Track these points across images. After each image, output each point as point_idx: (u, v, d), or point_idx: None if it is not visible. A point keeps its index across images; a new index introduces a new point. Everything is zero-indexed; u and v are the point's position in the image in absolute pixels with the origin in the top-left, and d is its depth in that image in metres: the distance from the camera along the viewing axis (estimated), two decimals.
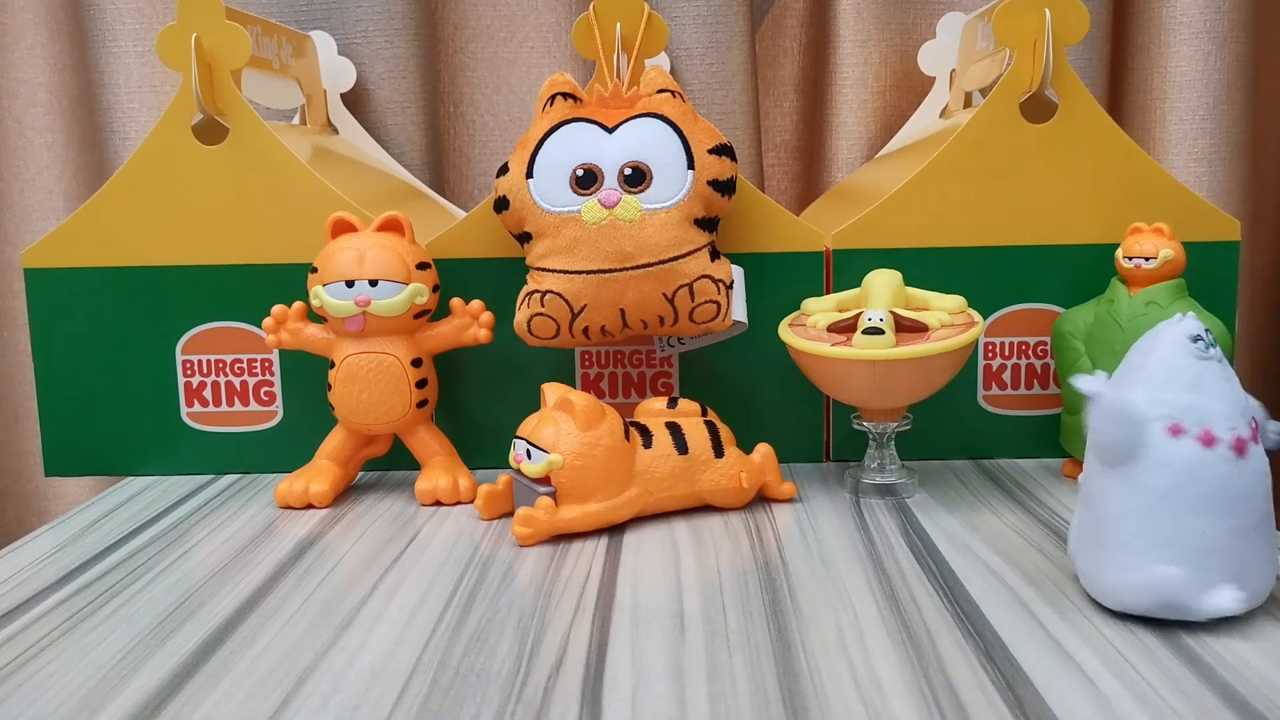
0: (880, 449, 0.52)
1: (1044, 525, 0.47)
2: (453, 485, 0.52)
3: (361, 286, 0.50)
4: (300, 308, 0.53)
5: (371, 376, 0.51)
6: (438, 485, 0.52)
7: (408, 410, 0.52)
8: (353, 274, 0.50)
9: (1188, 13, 0.72)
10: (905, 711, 0.30)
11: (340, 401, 0.52)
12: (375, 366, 0.51)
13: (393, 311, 0.51)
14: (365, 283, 0.50)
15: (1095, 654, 0.34)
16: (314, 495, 0.51)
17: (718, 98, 0.73)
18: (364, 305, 0.50)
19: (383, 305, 0.50)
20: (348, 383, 0.52)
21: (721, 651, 0.35)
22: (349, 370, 0.51)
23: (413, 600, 0.40)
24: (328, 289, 0.50)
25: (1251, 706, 0.30)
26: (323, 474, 0.52)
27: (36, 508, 0.82)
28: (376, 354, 0.51)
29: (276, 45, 0.62)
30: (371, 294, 0.50)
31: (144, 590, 0.42)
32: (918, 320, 0.49)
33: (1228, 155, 0.73)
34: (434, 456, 0.53)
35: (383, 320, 0.51)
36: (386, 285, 0.50)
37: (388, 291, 0.50)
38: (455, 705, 0.32)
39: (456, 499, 0.52)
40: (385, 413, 0.52)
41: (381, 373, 0.51)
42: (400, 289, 0.50)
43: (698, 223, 0.51)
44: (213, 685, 0.33)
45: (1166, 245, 0.50)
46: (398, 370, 0.51)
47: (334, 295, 0.50)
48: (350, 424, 0.53)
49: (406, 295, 0.51)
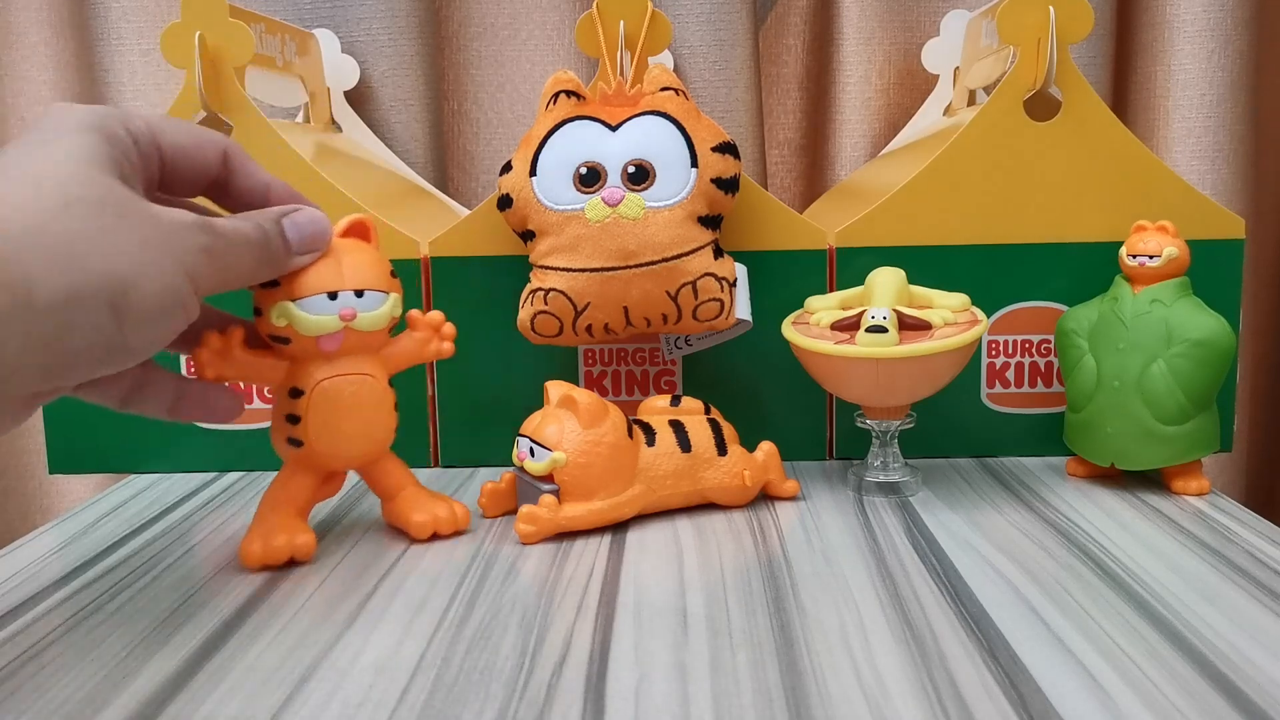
0: (883, 447, 0.52)
1: (1048, 523, 0.47)
2: (450, 513, 0.46)
3: (346, 298, 0.42)
4: (241, 335, 0.43)
5: (354, 402, 0.44)
6: (436, 515, 0.46)
7: (389, 438, 0.46)
8: (335, 284, 0.42)
9: (1191, 10, 0.72)
10: (908, 709, 0.30)
11: (316, 435, 0.43)
12: (358, 390, 0.44)
13: (377, 325, 0.43)
14: (350, 294, 0.42)
15: (1099, 652, 0.34)
16: (300, 548, 0.43)
17: (721, 95, 0.73)
18: (349, 319, 0.42)
19: (368, 319, 0.43)
20: (326, 412, 0.43)
21: (725, 649, 0.35)
22: (327, 397, 0.43)
23: (416, 598, 0.40)
24: (303, 304, 0.41)
25: (1256, 705, 0.30)
26: (294, 524, 0.44)
27: (40, 505, 0.82)
28: (356, 375, 0.44)
29: (280, 43, 0.62)
30: (357, 306, 0.42)
31: (147, 588, 0.42)
32: (921, 318, 0.49)
33: (1231, 153, 0.73)
34: (404, 488, 0.47)
35: (362, 336, 0.43)
36: (372, 296, 0.43)
37: (373, 303, 0.43)
38: (458, 702, 0.32)
39: (455, 528, 0.46)
40: (369, 444, 0.45)
41: (365, 397, 0.44)
42: (384, 299, 0.43)
43: (701, 220, 0.51)
44: (216, 682, 0.33)
45: (1170, 243, 0.50)
46: (380, 392, 0.44)
47: (313, 311, 0.42)
48: (323, 459, 0.44)
49: (389, 306, 0.44)
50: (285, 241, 0.40)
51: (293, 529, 0.44)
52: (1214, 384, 0.49)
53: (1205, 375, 0.49)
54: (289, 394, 0.43)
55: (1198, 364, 0.48)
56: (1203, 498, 0.50)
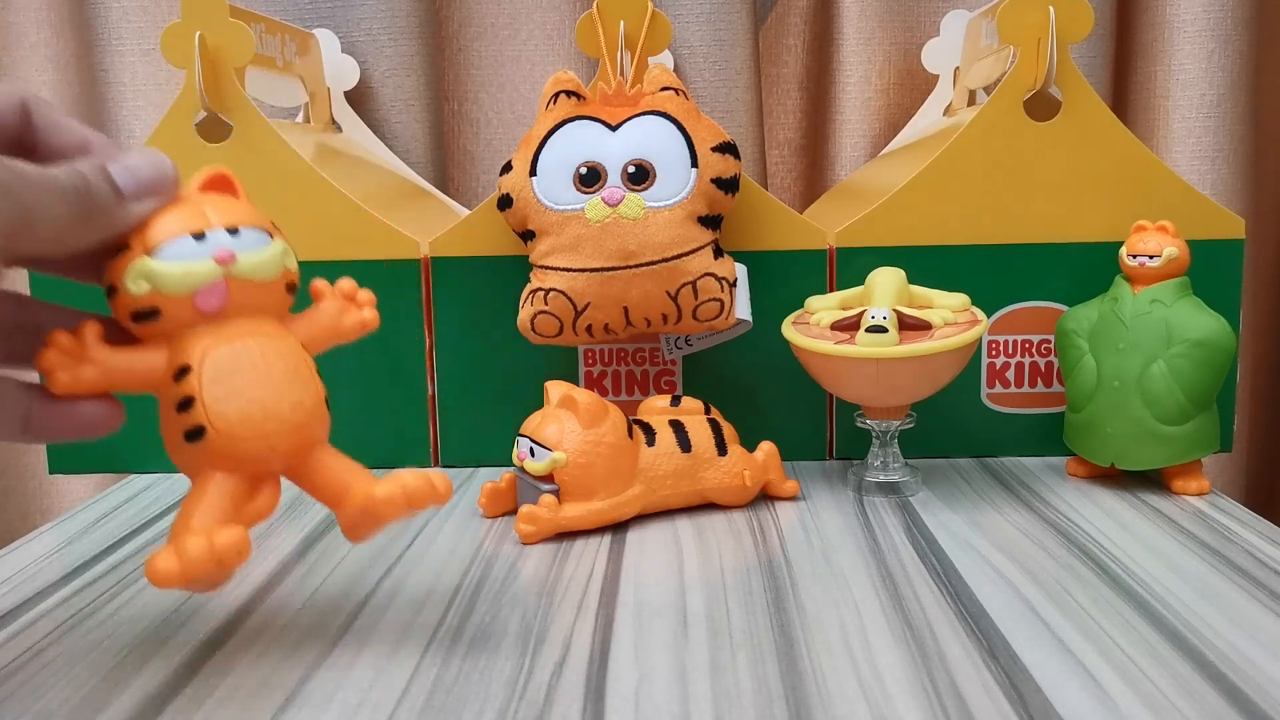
0: (883, 447, 0.52)
1: (1048, 523, 0.47)
2: (423, 480, 0.33)
3: (218, 237, 0.32)
4: (98, 328, 0.33)
5: (261, 361, 0.33)
6: (404, 483, 0.33)
7: (317, 414, 0.34)
8: (200, 223, 0.32)
9: (1191, 10, 0.72)
10: (908, 709, 0.30)
11: (217, 412, 0.32)
12: (261, 348, 0.33)
13: (266, 272, 0.33)
14: (222, 232, 0.32)
15: (1099, 652, 0.34)
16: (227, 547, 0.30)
17: (721, 95, 0.73)
18: (227, 261, 0.32)
19: (251, 261, 0.33)
20: (228, 379, 0.32)
21: (725, 649, 0.35)
22: (221, 363, 0.32)
23: (416, 598, 0.40)
24: (163, 253, 0.32)
25: (1256, 705, 0.30)
26: (214, 525, 0.31)
27: (40, 505, 0.82)
28: (255, 336, 0.33)
29: (280, 43, 0.62)
30: (234, 245, 0.32)
31: (148, 588, 0.42)
32: (921, 318, 0.49)
33: (1231, 153, 0.73)
34: (354, 472, 0.34)
35: (250, 290, 0.33)
36: (252, 234, 0.33)
37: (254, 241, 0.33)
38: (458, 703, 0.32)
39: (435, 497, 0.33)
40: (295, 411, 0.33)
41: (271, 355, 0.33)
42: (268, 241, 0.33)
43: (701, 220, 0.51)
44: (216, 683, 0.33)
45: (1170, 243, 0.50)
46: (290, 349, 0.34)
47: (177, 257, 0.32)
48: (235, 448, 0.32)
49: (277, 252, 0.33)
50: (113, 186, 0.31)
51: (211, 529, 0.31)
52: (1214, 384, 0.49)
53: (1205, 375, 0.49)
54: (175, 377, 0.32)
55: (1198, 364, 0.48)
56: (1203, 498, 0.50)
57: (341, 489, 0.34)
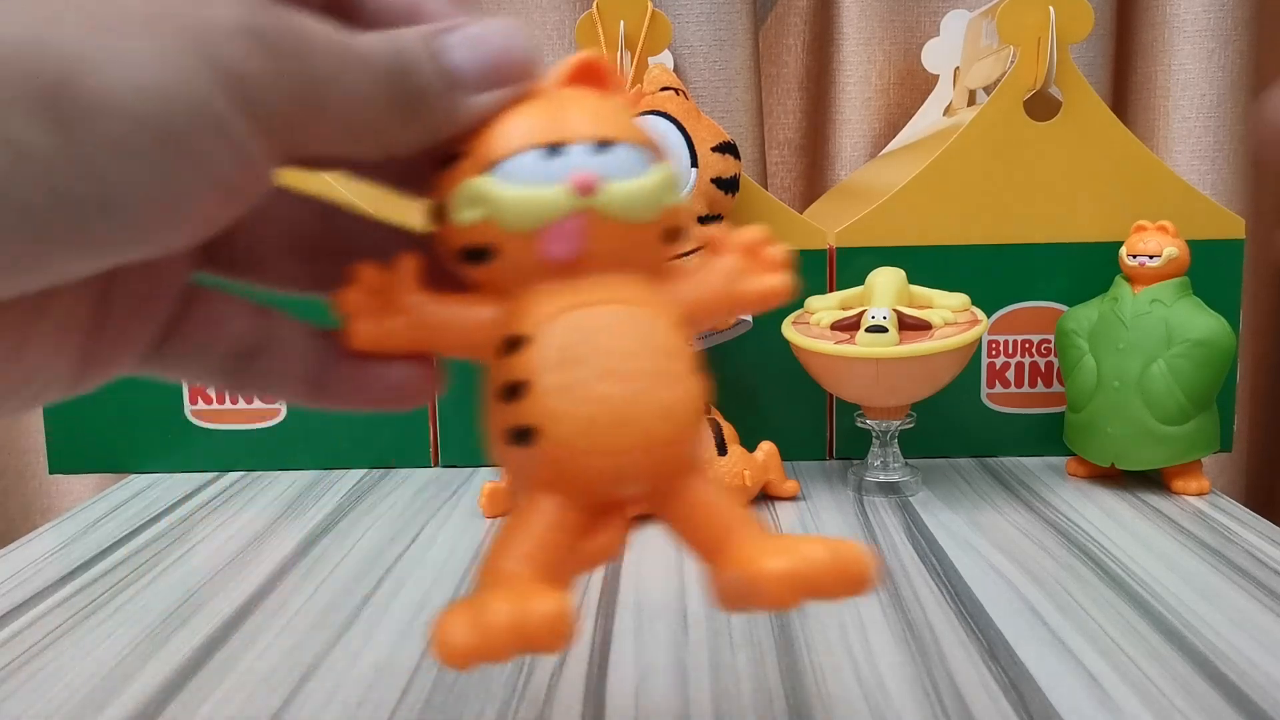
0: (883, 447, 0.52)
1: (1048, 523, 0.47)
2: (831, 553, 0.22)
3: (578, 155, 0.21)
4: (416, 265, 0.23)
5: (622, 341, 0.22)
6: (804, 556, 0.22)
7: (695, 414, 0.23)
8: (556, 133, 0.21)
9: (1191, 10, 0.72)
10: (908, 709, 0.30)
11: (564, 410, 0.21)
12: (625, 321, 0.22)
13: (637, 209, 0.22)
14: (586, 146, 0.21)
15: (1099, 652, 0.34)
16: (540, 626, 0.21)
17: (721, 95, 0.73)
18: (589, 190, 0.21)
19: (622, 193, 0.22)
20: (574, 365, 0.21)
21: (725, 649, 0.35)
22: (571, 339, 0.22)
23: (416, 597, 0.40)
24: (505, 170, 0.21)
25: (1256, 705, 0.30)
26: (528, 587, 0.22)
27: (40, 505, 0.82)
28: (618, 303, 0.22)
29: None
30: (600, 167, 0.21)
31: (147, 588, 0.42)
32: (921, 318, 0.49)
33: (1231, 153, 0.73)
34: (738, 520, 0.24)
35: (618, 233, 0.22)
36: (626, 152, 0.22)
37: (628, 164, 0.22)
38: (459, 702, 0.32)
39: (848, 584, 0.22)
40: (663, 421, 0.22)
41: (640, 330, 0.22)
42: (648, 162, 0.22)
43: (701, 220, 0.51)
44: (216, 682, 0.33)
45: (1170, 243, 0.50)
46: (666, 323, 0.23)
47: (521, 178, 0.21)
48: (581, 464, 0.22)
49: (657, 182, 0.22)
50: (444, 69, 0.21)
51: (525, 592, 0.22)
52: (1214, 384, 0.49)
53: (1205, 375, 0.49)
54: (504, 350, 0.22)
55: (1198, 364, 0.48)
56: (1203, 498, 0.50)
57: (719, 537, 0.24)
